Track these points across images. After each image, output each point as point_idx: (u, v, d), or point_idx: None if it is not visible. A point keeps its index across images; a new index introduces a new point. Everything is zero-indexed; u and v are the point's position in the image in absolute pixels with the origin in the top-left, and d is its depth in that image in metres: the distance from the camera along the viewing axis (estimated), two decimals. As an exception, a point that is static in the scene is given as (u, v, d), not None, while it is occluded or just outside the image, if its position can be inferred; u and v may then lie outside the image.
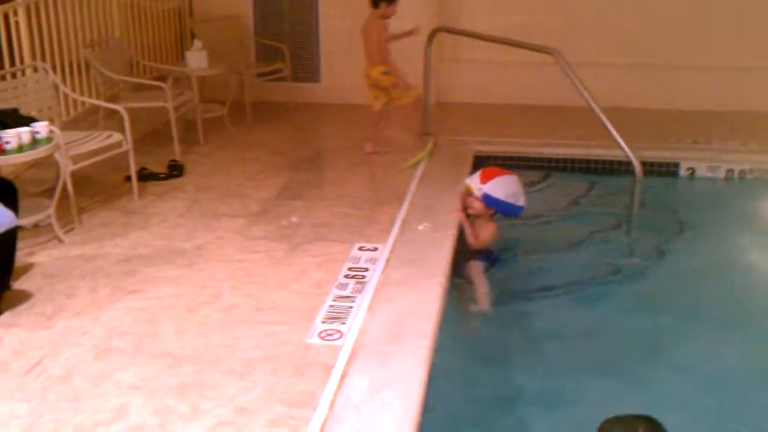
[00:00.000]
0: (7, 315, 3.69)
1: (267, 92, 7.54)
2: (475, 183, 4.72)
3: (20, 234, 4.09)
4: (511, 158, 6.05)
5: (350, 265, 4.18)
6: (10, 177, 5.13)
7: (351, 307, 3.71)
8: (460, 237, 4.61)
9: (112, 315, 3.69)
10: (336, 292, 3.88)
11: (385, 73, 5.76)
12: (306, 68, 7.78)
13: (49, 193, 4.84)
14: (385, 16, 5.74)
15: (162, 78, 6.60)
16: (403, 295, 3.81)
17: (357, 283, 3.97)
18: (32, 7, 5.49)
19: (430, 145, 6.12)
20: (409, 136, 6.54)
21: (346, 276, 4.05)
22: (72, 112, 5.88)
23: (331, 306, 3.74)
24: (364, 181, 5.56)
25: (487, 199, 4.66)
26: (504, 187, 4.68)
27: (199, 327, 3.58)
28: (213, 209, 5.03)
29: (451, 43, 7.44)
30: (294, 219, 4.86)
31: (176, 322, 3.63)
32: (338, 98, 7.73)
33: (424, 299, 3.75)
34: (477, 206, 4.71)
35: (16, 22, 5.37)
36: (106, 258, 4.32)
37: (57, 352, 3.38)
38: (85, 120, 5.92)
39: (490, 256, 4.71)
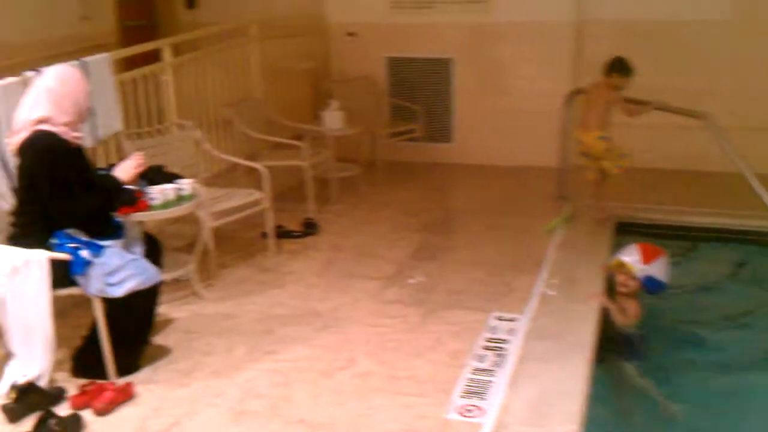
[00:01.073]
0: (146, 370, 3.71)
1: (399, 152, 7.54)
2: (636, 263, 4.40)
3: (161, 288, 4.14)
4: (655, 226, 5.74)
5: (488, 335, 4.01)
6: (153, 231, 5.28)
7: (491, 382, 3.53)
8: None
9: (248, 376, 3.66)
10: (474, 364, 3.72)
11: (601, 138, 5.54)
12: (438, 128, 7.75)
13: (190, 248, 4.93)
14: (616, 87, 5.52)
15: (297, 136, 6.71)
16: (546, 372, 3.60)
17: (496, 355, 3.79)
18: (180, 67, 5.69)
19: (568, 209, 5.91)
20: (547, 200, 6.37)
21: (484, 347, 3.88)
22: (213, 169, 6.01)
23: (469, 379, 3.57)
24: (499, 246, 5.38)
25: (649, 281, 4.39)
26: (665, 268, 4.44)
27: (334, 393, 3.48)
28: (347, 269, 4.98)
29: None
30: (421, 278, 4.77)
31: (311, 386, 3.55)
32: (470, 159, 7.65)
33: (570, 377, 3.53)
34: (633, 286, 4.42)
35: (165, 81, 5.57)
36: (243, 316, 4.32)
37: (194, 412, 3.36)
38: (225, 176, 6.04)
39: (631, 341, 4.40)
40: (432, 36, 7.64)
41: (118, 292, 3.47)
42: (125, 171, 3.80)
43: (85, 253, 3.40)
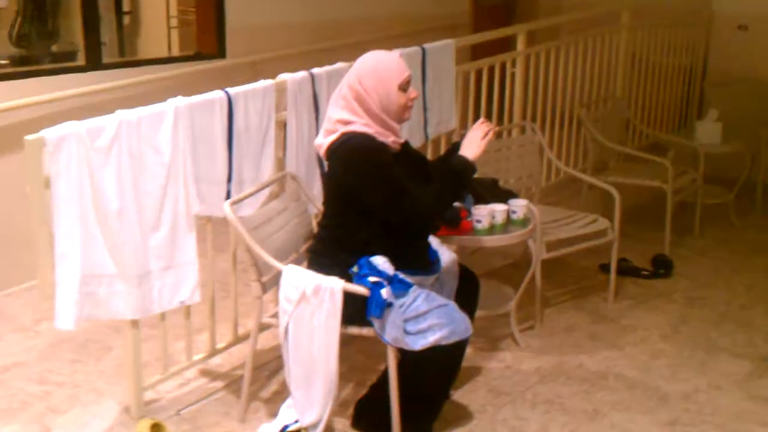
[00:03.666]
0: (438, 438, 3.01)
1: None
2: None
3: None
4: None
5: None
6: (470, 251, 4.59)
7: None
8: None
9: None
10: None
11: None
12: None
13: (512, 270, 4.16)
14: None
15: (651, 146, 5.63)
16: None
17: None
18: (532, 57, 4.90)
19: None
20: None
21: None
22: (552, 178, 5.17)
23: None
24: None
25: None
26: None
27: None
28: (707, 337, 3.87)
29: None
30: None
31: None
32: None
33: None
34: None
35: (512, 74, 4.81)
36: (566, 381, 3.44)
37: None
38: (566, 187, 5.18)
39: None
40: None
41: (417, 344, 2.78)
42: (471, 146, 2.96)
43: (385, 293, 2.73)
